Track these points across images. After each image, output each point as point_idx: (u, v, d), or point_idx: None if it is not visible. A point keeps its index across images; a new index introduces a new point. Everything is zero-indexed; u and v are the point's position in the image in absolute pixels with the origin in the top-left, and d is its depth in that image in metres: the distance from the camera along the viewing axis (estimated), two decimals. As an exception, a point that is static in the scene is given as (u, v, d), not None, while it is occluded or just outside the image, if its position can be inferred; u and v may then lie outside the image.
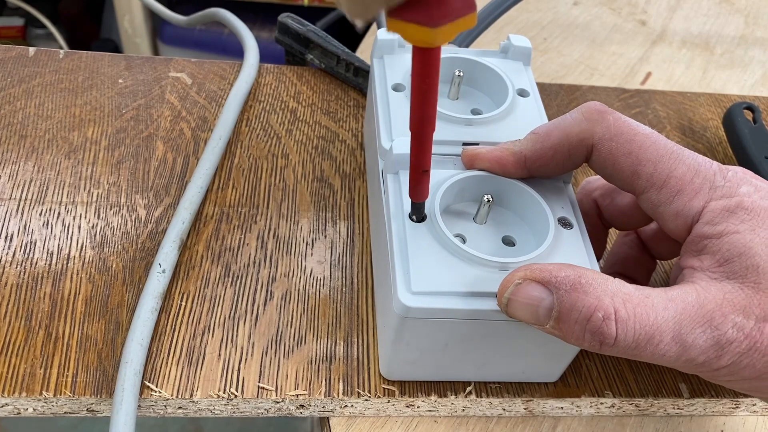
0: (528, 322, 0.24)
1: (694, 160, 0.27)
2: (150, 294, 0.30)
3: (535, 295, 0.24)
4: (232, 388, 0.29)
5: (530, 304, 0.24)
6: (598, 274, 0.24)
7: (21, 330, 0.30)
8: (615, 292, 0.23)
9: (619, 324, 0.23)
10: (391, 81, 0.34)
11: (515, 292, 0.24)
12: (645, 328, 0.23)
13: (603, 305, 0.23)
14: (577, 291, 0.23)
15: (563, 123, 0.28)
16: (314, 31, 0.45)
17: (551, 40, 0.57)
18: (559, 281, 0.23)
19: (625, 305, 0.23)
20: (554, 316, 0.24)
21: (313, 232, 0.36)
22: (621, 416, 0.32)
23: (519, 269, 0.25)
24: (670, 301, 0.23)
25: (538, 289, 0.24)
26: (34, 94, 0.41)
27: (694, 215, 0.26)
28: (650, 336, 0.23)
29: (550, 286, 0.24)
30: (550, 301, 0.24)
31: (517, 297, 0.24)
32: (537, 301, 0.24)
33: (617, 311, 0.23)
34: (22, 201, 0.35)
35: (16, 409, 0.28)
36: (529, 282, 0.24)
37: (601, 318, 0.23)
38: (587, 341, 0.23)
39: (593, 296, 0.23)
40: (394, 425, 0.30)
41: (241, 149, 0.40)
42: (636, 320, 0.23)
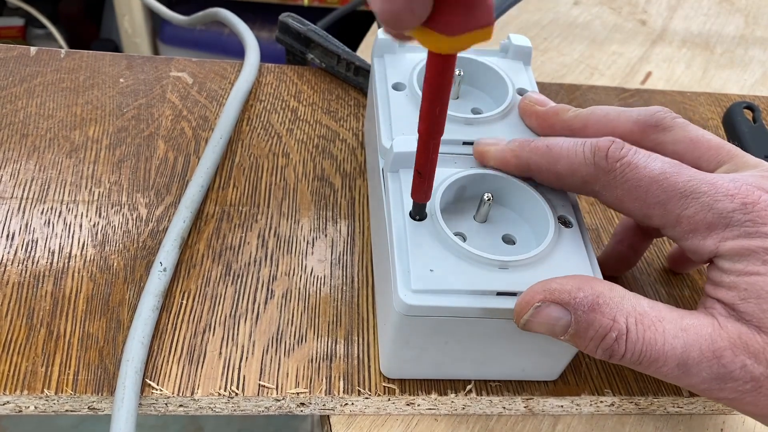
0: (542, 333, 0.25)
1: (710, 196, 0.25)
2: (151, 292, 0.30)
3: (554, 315, 0.24)
4: (233, 386, 0.29)
5: (548, 323, 0.24)
6: (614, 290, 0.24)
7: (22, 328, 0.30)
8: (629, 311, 0.24)
9: (629, 344, 0.24)
10: (391, 80, 0.34)
11: (534, 314, 0.25)
12: (651, 352, 0.24)
13: (617, 326, 0.24)
14: (595, 311, 0.24)
15: (573, 157, 0.27)
16: (315, 30, 0.45)
17: (551, 40, 0.57)
18: (577, 303, 0.24)
19: (636, 326, 0.24)
20: (570, 332, 0.24)
21: (313, 231, 0.36)
22: (621, 415, 0.32)
23: (537, 289, 0.25)
24: (683, 330, 0.24)
25: (557, 311, 0.24)
26: (35, 93, 0.41)
27: (710, 252, 0.25)
28: (655, 359, 0.24)
29: (569, 307, 0.24)
30: (567, 320, 0.24)
31: (536, 318, 0.25)
32: (555, 321, 0.24)
33: (629, 331, 0.24)
34: (24, 200, 0.35)
35: (18, 407, 0.28)
36: (548, 304, 0.24)
37: (614, 338, 0.24)
38: (598, 354, 0.24)
39: (609, 317, 0.24)
40: (395, 423, 0.30)
41: (242, 148, 0.40)
42: (644, 343, 0.24)
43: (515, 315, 0.25)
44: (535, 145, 0.29)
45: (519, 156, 0.29)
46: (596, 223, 0.39)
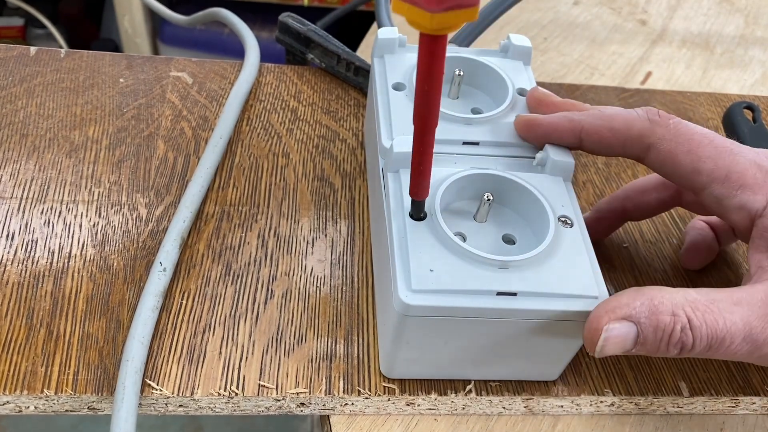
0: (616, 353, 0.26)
1: (756, 155, 0.28)
2: (151, 292, 0.30)
3: (623, 332, 0.25)
4: (232, 386, 0.29)
5: (620, 341, 0.25)
6: (663, 290, 0.25)
7: (22, 328, 0.30)
8: (683, 302, 0.25)
9: (694, 331, 0.25)
10: (391, 80, 0.34)
11: (607, 338, 0.25)
12: (716, 332, 0.24)
13: (679, 318, 0.25)
14: (655, 314, 0.25)
15: (627, 114, 0.29)
16: (315, 30, 0.45)
17: (551, 40, 0.57)
18: (638, 312, 0.25)
19: (695, 313, 0.25)
20: (640, 341, 0.25)
21: (313, 231, 0.36)
22: (621, 415, 0.32)
23: (599, 313, 0.25)
24: (736, 304, 0.25)
25: (624, 327, 0.25)
26: (35, 93, 0.41)
27: (758, 209, 0.27)
28: (721, 339, 0.25)
29: (632, 319, 0.25)
30: (635, 332, 0.25)
31: (609, 342, 0.25)
32: (625, 337, 0.25)
33: (690, 320, 0.25)
34: (24, 200, 0.35)
35: (18, 407, 0.28)
36: (614, 324, 0.25)
37: (680, 330, 0.25)
38: (671, 352, 0.25)
39: (668, 313, 0.25)
40: (395, 423, 0.30)
41: (241, 148, 0.40)
42: (707, 326, 0.24)
43: (588, 345, 0.26)
44: (588, 110, 0.30)
45: (572, 119, 0.30)
46: (596, 223, 0.39)
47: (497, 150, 0.31)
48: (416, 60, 0.34)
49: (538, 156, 0.31)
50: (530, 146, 0.32)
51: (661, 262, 0.37)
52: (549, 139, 0.31)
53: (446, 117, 0.32)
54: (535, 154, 0.31)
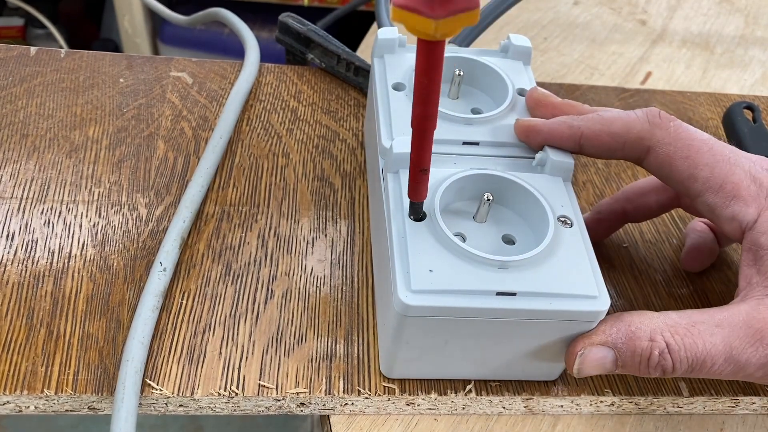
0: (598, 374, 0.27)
1: (752, 165, 0.28)
2: (151, 292, 0.30)
3: (600, 356, 0.26)
4: (233, 386, 0.29)
5: (598, 365, 0.26)
6: (643, 315, 0.26)
7: (22, 328, 0.30)
8: (662, 327, 0.25)
9: (673, 355, 0.25)
10: (391, 80, 0.34)
11: (582, 361, 0.27)
12: (696, 355, 0.25)
13: (657, 344, 0.25)
14: (632, 339, 0.26)
15: (627, 117, 0.29)
16: (315, 30, 0.45)
17: (551, 40, 0.57)
18: (614, 338, 0.26)
19: (674, 337, 0.25)
20: (620, 365, 0.26)
21: (313, 231, 0.36)
22: (621, 414, 0.32)
23: (577, 340, 0.27)
24: (717, 326, 0.25)
25: (600, 351, 0.26)
26: (35, 93, 0.41)
27: (749, 221, 0.27)
28: (702, 361, 0.25)
29: (608, 345, 0.26)
30: (612, 356, 0.26)
31: (585, 364, 0.27)
32: (602, 360, 0.26)
33: (669, 344, 0.25)
34: (24, 200, 0.35)
35: (18, 407, 0.28)
36: (590, 348, 0.26)
37: (658, 355, 0.25)
38: (652, 374, 0.26)
39: (645, 339, 0.25)
40: (395, 423, 0.30)
41: (241, 148, 0.40)
42: (686, 350, 0.25)
43: (567, 367, 0.27)
44: (587, 115, 0.30)
45: (572, 125, 0.30)
46: (596, 223, 0.39)
47: (497, 150, 0.31)
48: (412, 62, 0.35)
49: (537, 156, 0.31)
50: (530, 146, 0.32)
51: (661, 262, 0.37)
52: (548, 144, 0.31)
53: (446, 117, 0.32)
54: (535, 154, 0.31)
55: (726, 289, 0.36)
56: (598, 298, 0.26)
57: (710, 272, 0.37)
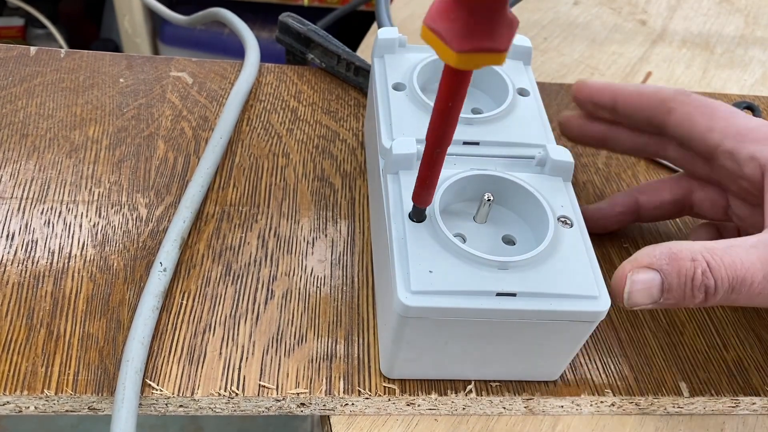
0: (646, 304, 0.27)
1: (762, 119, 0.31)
2: (151, 292, 0.30)
3: (647, 278, 0.26)
4: (233, 387, 0.29)
5: (646, 289, 0.26)
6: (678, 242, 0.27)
7: (22, 328, 0.30)
8: (700, 249, 0.26)
9: (715, 273, 0.26)
10: (391, 80, 0.34)
11: (632, 286, 0.26)
12: (735, 272, 0.26)
13: (699, 262, 0.26)
14: (675, 260, 0.26)
15: (652, 86, 0.33)
16: (315, 30, 0.45)
17: (551, 40, 0.57)
18: (658, 259, 0.26)
19: (713, 257, 0.26)
20: (666, 288, 0.26)
21: (313, 231, 0.36)
22: (621, 415, 0.32)
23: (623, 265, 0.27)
24: (753, 247, 0.26)
25: (646, 273, 0.26)
26: (35, 93, 0.41)
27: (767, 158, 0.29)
28: (742, 278, 0.26)
29: (653, 266, 0.26)
30: (659, 280, 0.26)
31: (635, 288, 0.26)
32: (650, 284, 0.26)
33: (709, 263, 0.26)
34: (24, 200, 0.35)
35: (18, 407, 0.28)
36: (637, 271, 0.26)
37: (701, 273, 0.26)
38: (696, 298, 0.26)
39: (687, 258, 0.26)
40: (395, 423, 0.30)
41: (242, 148, 0.40)
42: (725, 267, 0.26)
43: (616, 296, 0.27)
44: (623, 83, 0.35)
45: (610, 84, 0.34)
46: (596, 224, 0.39)
47: (497, 150, 0.31)
48: (416, 60, 0.35)
49: (537, 156, 0.31)
50: (530, 146, 0.32)
51: (661, 263, 0.37)
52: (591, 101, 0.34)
53: (446, 117, 0.32)
54: (535, 154, 0.31)
55: (726, 289, 0.36)
56: (599, 298, 0.26)
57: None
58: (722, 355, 0.33)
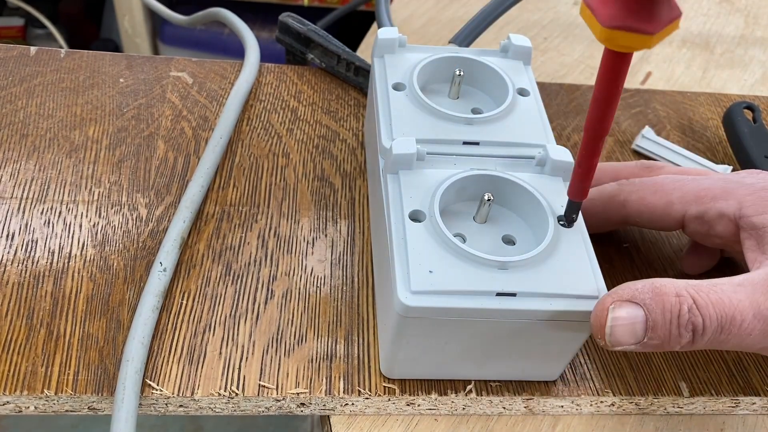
0: (629, 344, 0.25)
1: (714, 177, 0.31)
2: (151, 292, 0.30)
3: (631, 314, 0.25)
4: (233, 387, 0.29)
5: (629, 325, 0.25)
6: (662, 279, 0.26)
7: (22, 328, 0.30)
8: (685, 285, 0.25)
9: (702, 310, 0.24)
10: (391, 80, 0.34)
11: (614, 321, 0.25)
12: (724, 310, 0.24)
13: (684, 298, 0.25)
14: (659, 294, 0.25)
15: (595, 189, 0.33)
16: (315, 30, 0.45)
17: (551, 40, 0.57)
18: (641, 293, 0.25)
19: (698, 293, 0.25)
20: (650, 326, 0.25)
21: (313, 231, 0.36)
22: (621, 415, 0.32)
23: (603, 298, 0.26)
24: (739, 285, 0.25)
25: (629, 308, 0.25)
26: (35, 93, 0.41)
27: (734, 212, 0.29)
28: (731, 317, 0.24)
29: (636, 300, 0.25)
30: (642, 315, 0.25)
31: (617, 324, 0.25)
32: (633, 320, 0.25)
33: (695, 299, 0.25)
34: (24, 200, 0.35)
35: (18, 407, 0.28)
36: (619, 305, 0.25)
37: (687, 310, 0.24)
38: (684, 338, 0.25)
39: (672, 294, 0.25)
40: (395, 423, 0.30)
41: (242, 148, 0.40)
42: (713, 305, 0.24)
43: (597, 333, 0.26)
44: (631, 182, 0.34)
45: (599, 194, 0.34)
46: (596, 223, 0.39)
47: (497, 150, 0.31)
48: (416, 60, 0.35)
49: (537, 156, 0.31)
50: (530, 146, 0.32)
51: (661, 263, 0.37)
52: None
53: (446, 117, 0.32)
54: (535, 154, 0.31)
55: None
56: (599, 298, 0.26)
57: (711, 274, 0.37)
58: (722, 355, 0.33)
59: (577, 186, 0.27)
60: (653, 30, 0.19)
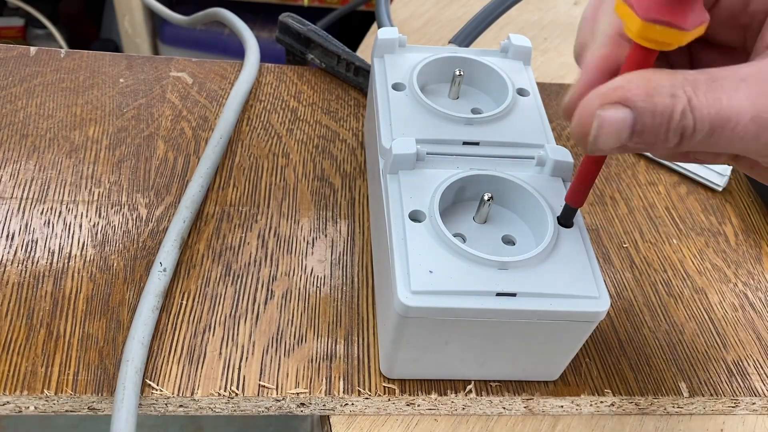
0: (611, 148, 0.23)
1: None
2: (151, 293, 0.30)
3: (619, 117, 0.22)
4: (233, 387, 0.29)
5: (615, 131, 0.23)
6: (661, 71, 0.23)
7: (22, 328, 0.30)
8: (682, 82, 0.22)
9: (695, 112, 0.22)
10: (391, 80, 0.34)
11: (600, 126, 0.23)
12: (719, 112, 0.22)
13: (678, 99, 0.22)
14: (652, 96, 0.22)
15: None
16: (315, 30, 0.45)
17: (551, 40, 0.57)
18: (633, 95, 0.22)
19: (695, 93, 0.22)
20: (638, 129, 0.22)
21: (313, 231, 0.36)
22: (621, 415, 0.32)
23: (590, 96, 0.23)
24: (742, 81, 0.22)
25: (619, 112, 0.22)
26: (35, 93, 0.41)
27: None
28: (726, 120, 0.22)
29: (628, 103, 0.22)
30: (631, 118, 0.22)
31: (603, 130, 0.23)
32: (621, 124, 0.22)
33: (690, 100, 0.22)
34: (24, 200, 0.35)
35: (18, 407, 0.28)
36: (607, 107, 0.23)
37: (680, 112, 0.22)
38: (670, 142, 0.23)
39: (667, 94, 0.22)
40: (395, 423, 0.30)
41: (241, 148, 0.40)
42: (709, 105, 0.22)
43: (579, 137, 0.23)
44: None
45: None
46: (596, 223, 0.39)
47: (497, 150, 0.31)
48: (416, 60, 0.35)
49: (537, 156, 0.31)
50: (530, 146, 0.32)
51: (662, 262, 0.37)
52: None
53: (446, 117, 0.32)
54: (535, 154, 0.31)
55: (726, 288, 0.36)
56: (599, 298, 0.26)
57: (710, 272, 0.37)
58: (722, 355, 0.33)
59: (577, 191, 0.27)
60: (689, 26, 0.20)
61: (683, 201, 0.41)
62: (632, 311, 0.34)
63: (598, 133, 0.23)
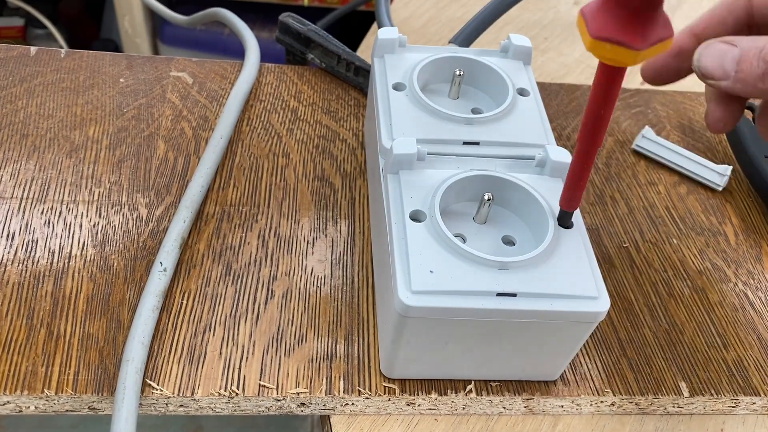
0: (715, 74, 0.28)
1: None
2: (151, 292, 0.30)
3: (723, 47, 0.28)
4: (233, 386, 0.29)
5: (719, 54, 0.28)
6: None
7: (23, 328, 0.30)
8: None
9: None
10: (391, 80, 0.34)
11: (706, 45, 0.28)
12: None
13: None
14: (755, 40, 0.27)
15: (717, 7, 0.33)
16: (315, 30, 0.45)
17: (552, 40, 0.57)
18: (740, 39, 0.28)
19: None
20: (737, 58, 0.28)
21: (313, 231, 0.36)
22: (621, 415, 0.32)
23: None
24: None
25: (725, 44, 0.28)
26: (35, 93, 0.41)
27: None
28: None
29: (734, 42, 0.28)
30: (736, 51, 0.28)
31: (708, 49, 0.28)
32: (725, 52, 0.28)
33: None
34: (24, 200, 0.35)
35: (18, 407, 0.28)
36: (716, 41, 0.28)
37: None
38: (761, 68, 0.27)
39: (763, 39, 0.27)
40: (395, 423, 0.30)
41: (242, 148, 0.40)
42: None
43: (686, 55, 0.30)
44: None
45: None
46: (596, 223, 0.39)
47: (497, 150, 0.31)
48: (416, 60, 0.35)
49: (537, 157, 0.31)
50: (530, 146, 0.32)
51: (662, 262, 0.37)
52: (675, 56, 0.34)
53: (446, 117, 0.32)
54: (535, 154, 0.31)
55: (727, 288, 0.36)
56: (599, 298, 0.26)
57: (710, 272, 0.37)
58: (722, 355, 0.33)
59: (570, 196, 0.27)
60: (640, 46, 0.19)
61: (683, 201, 0.41)
62: (632, 311, 0.34)
63: (703, 50, 0.28)
